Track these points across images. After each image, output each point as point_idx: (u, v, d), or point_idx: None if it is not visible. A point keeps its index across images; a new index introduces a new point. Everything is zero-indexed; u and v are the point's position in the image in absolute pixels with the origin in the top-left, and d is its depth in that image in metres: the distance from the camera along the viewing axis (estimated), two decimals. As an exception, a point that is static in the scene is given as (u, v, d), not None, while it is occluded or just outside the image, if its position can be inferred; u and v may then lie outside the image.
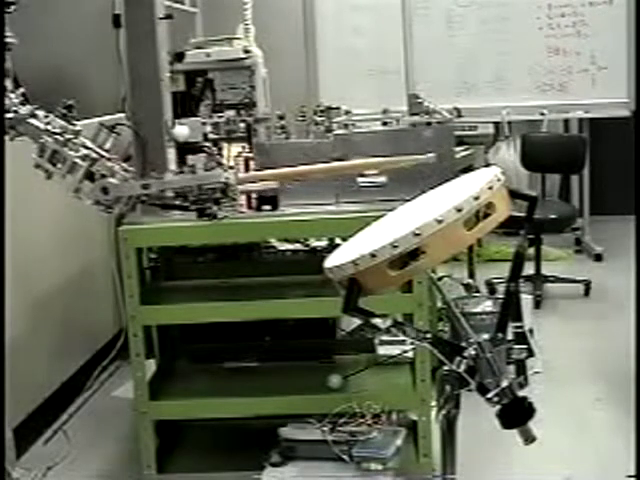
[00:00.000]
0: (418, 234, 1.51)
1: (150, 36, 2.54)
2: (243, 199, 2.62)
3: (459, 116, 3.22)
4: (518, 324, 3.28)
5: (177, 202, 2.17)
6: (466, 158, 4.08)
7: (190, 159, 2.57)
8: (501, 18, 5.24)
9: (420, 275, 2.35)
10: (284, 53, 4.77)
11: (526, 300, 3.66)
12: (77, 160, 2.08)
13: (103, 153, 2.13)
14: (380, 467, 2.52)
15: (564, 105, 5.26)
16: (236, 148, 2.84)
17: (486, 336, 1.69)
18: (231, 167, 2.45)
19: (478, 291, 3.94)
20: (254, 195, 2.63)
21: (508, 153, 5.33)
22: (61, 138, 2.08)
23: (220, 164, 2.24)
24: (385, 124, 2.93)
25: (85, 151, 2.10)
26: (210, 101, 3.10)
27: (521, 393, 1.66)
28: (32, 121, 2.09)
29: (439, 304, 3.43)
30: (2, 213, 2.65)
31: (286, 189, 2.63)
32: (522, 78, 5.28)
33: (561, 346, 3.84)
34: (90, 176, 2.09)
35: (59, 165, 2.10)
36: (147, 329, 2.83)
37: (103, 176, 2.09)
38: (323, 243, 3.43)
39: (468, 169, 3.34)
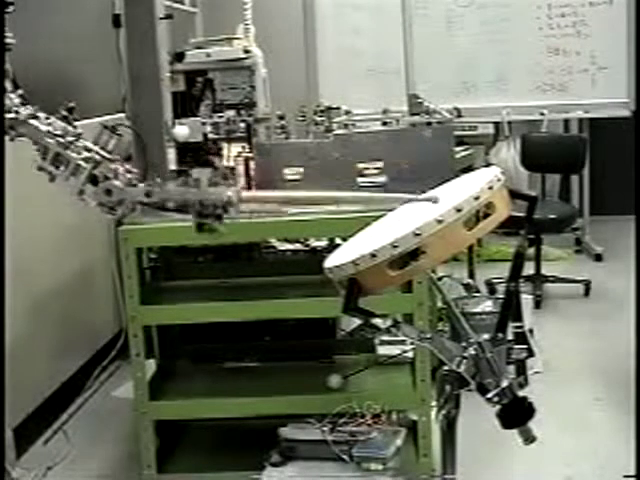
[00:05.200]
0: (418, 234, 1.51)
1: (150, 36, 2.55)
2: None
3: (459, 116, 3.22)
4: (518, 324, 3.28)
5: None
6: (466, 158, 4.08)
7: (195, 172, 2.57)
8: (501, 18, 5.25)
9: (420, 275, 2.35)
10: (284, 53, 4.76)
11: (526, 300, 3.66)
12: (80, 162, 2.08)
13: (106, 155, 2.13)
14: (380, 467, 2.52)
15: (564, 105, 5.26)
16: (236, 148, 2.84)
17: (486, 336, 1.69)
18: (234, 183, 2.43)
19: (478, 291, 3.94)
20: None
21: (508, 153, 5.33)
22: (63, 140, 2.08)
23: (225, 178, 2.23)
24: (385, 124, 2.94)
25: (88, 153, 2.10)
26: (210, 101, 3.10)
27: (521, 393, 1.66)
28: (33, 122, 2.08)
29: (439, 304, 3.43)
30: (2, 213, 2.65)
31: (286, 189, 2.63)
32: (522, 78, 5.28)
33: (561, 346, 3.84)
34: (93, 179, 2.09)
35: (62, 167, 2.10)
36: (147, 329, 2.83)
37: (107, 178, 2.08)
38: (323, 243, 3.43)
39: (468, 169, 3.34)
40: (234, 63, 3.12)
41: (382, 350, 3.02)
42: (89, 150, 2.10)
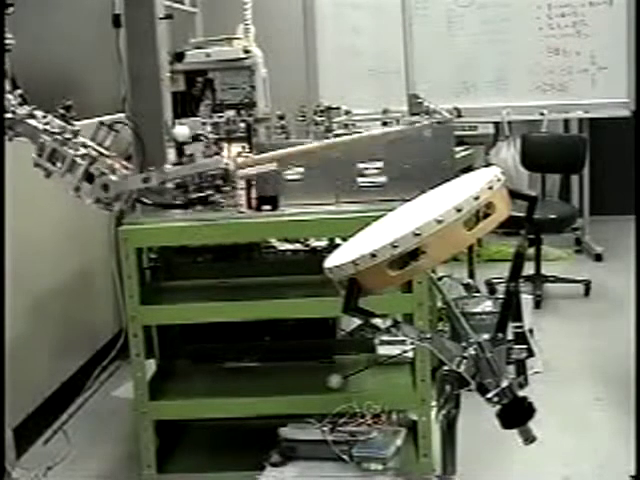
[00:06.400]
0: (418, 234, 1.51)
1: (150, 36, 2.55)
2: (243, 199, 2.62)
3: (459, 116, 3.22)
4: (518, 324, 3.28)
5: (177, 195, 2.16)
6: (466, 158, 4.08)
7: (188, 148, 2.57)
8: (501, 18, 5.24)
9: (420, 275, 2.35)
10: (284, 53, 4.76)
11: (526, 300, 3.66)
12: (76, 159, 2.08)
13: (103, 151, 2.13)
14: (380, 467, 2.52)
15: (564, 105, 5.26)
16: (236, 148, 2.84)
17: (486, 336, 1.69)
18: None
19: (478, 291, 3.94)
20: (254, 195, 2.63)
21: (508, 153, 5.33)
22: (60, 137, 2.08)
23: (217, 153, 2.23)
24: (385, 124, 2.93)
25: (84, 150, 2.10)
26: (210, 101, 3.10)
27: (521, 393, 1.66)
28: (30, 121, 2.09)
29: (439, 304, 3.43)
30: (2, 213, 2.65)
31: (286, 189, 2.63)
32: (522, 78, 5.28)
33: (561, 346, 3.84)
34: (89, 176, 2.09)
35: (58, 164, 2.10)
36: (147, 329, 2.83)
37: (103, 174, 2.09)
38: (323, 243, 3.43)
39: (468, 169, 3.34)
40: (234, 63, 3.12)
41: (382, 350, 3.02)
42: (86, 146, 2.11)
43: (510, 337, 1.79)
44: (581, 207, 5.63)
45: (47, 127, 2.09)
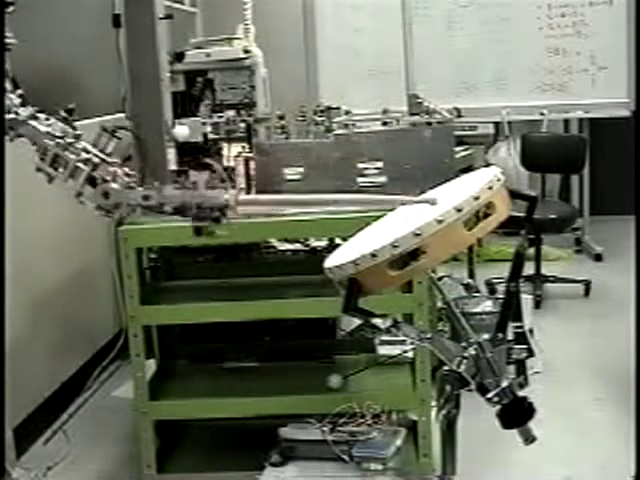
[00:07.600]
0: (418, 234, 1.51)
1: (150, 36, 2.55)
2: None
3: (459, 116, 3.22)
4: (518, 324, 3.28)
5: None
6: (466, 158, 4.08)
7: (192, 175, 2.56)
8: (501, 18, 5.25)
9: (420, 275, 2.35)
10: (284, 53, 4.76)
11: (526, 300, 3.66)
12: (79, 164, 2.07)
13: (105, 157, 2.13)
14: (380, 467, 2.52)
15: (564, 105, 5.26)
16: (236, 148, 2.84)
17: (486, 336, 1.69)
18: (234, 187, 2.42)
19: (478, 291, 3.94)
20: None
21: (508, 153, 5.33)
22: (62, 142, 2.07)
23: (223, 181, 2.22)
24: (385, 124, 2.93)
25: (87, 155, 2.09)
26: (210, 101, 3.10)
27: (521, 393, 1.66)
28: (33, 123, 2.08)
29: (439, 304, 3.43)
30: (2, 213, 2.65)
31: (286, 189, 2.63)
32: (522, 78, 5.28)
33: (561, 346, 3.84)
34: (92, 181, 2.08)
35: (60, 169, 2.09)
36: (147, 329, 2.83)
37: (105, 181, 2.08)
38: (323, 243, 3.43)
39: (468, 169, 3.33)
40: (234, 63, 3.12)
41: (382, 350, 3.02)
42: (88, 152, 2.10)
43: (510, 337, 1.79)
44: (581, 207, 5.63)
45: (49, 130, 2.08)
